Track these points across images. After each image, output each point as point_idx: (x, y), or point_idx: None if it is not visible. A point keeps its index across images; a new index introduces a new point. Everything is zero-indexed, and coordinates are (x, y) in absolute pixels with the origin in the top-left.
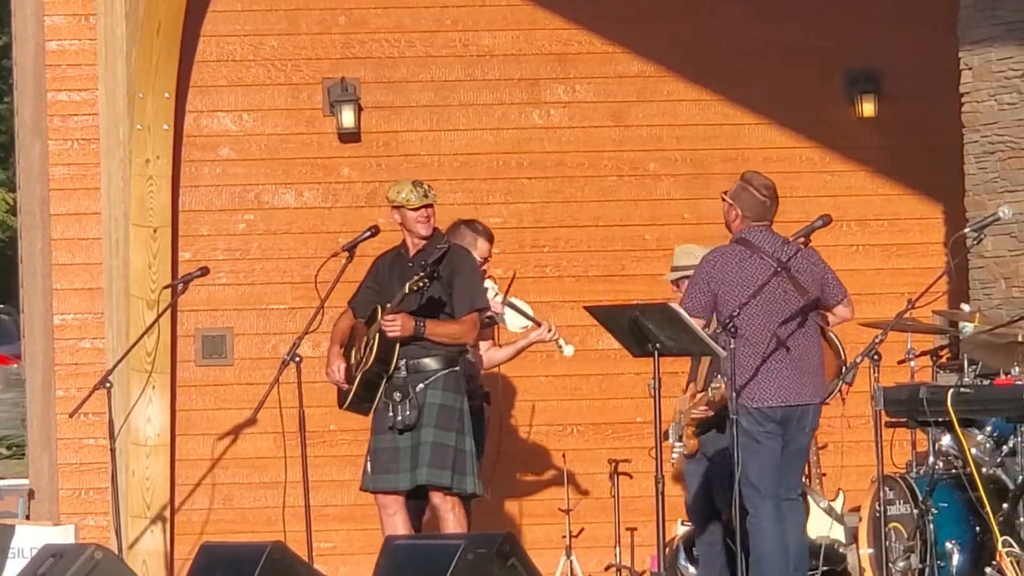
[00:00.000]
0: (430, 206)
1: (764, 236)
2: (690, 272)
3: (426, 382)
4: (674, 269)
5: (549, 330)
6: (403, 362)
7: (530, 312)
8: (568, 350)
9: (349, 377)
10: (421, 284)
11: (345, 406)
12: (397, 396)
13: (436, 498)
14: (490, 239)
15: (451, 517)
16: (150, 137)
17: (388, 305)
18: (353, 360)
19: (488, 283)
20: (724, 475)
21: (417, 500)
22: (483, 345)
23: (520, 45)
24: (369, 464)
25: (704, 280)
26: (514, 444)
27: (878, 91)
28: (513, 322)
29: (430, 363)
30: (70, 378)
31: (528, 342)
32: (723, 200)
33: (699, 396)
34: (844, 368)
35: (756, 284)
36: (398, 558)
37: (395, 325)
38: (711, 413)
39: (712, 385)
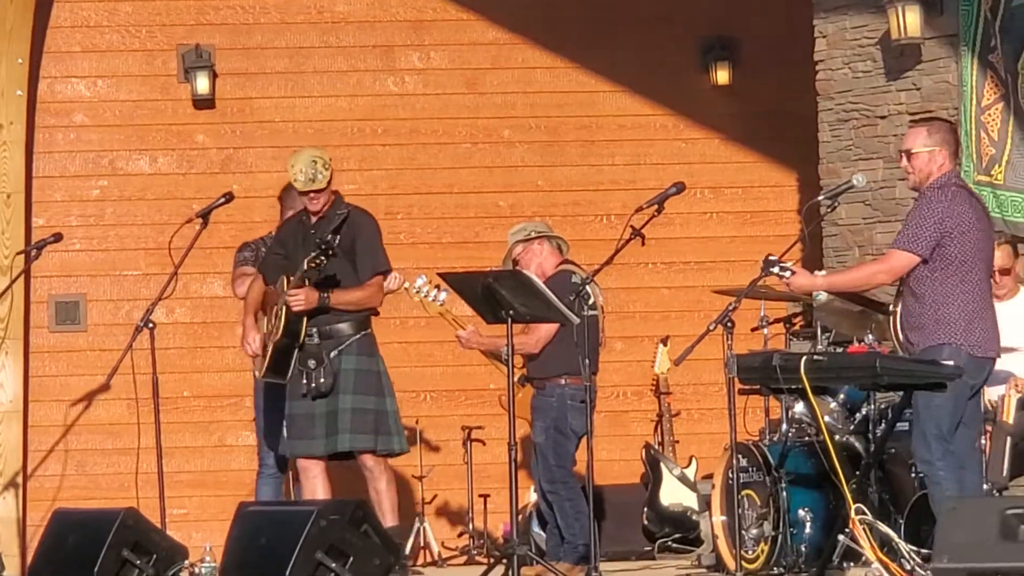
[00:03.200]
0: (317, 191)
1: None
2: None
3: (339, 348)
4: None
5: (397, 278)
6: (315, 329)
7: None
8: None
9: (264, 347)
10: (319, 261)
11: (262, 376)
12: (312, 363)
13: (369, 461)
14: None
15: (385, 477)
16: (3, 103)
17: (291, 278)
18: (266, 329)
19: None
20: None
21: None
22: None
23: (375, 12)
24: (285, 430)
25: (936, 219)
26: None
27: (733, 59)
28: None
29: (342, 328)
30: None
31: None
32: (908, 156)
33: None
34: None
35: (980, 226)
36: (252, 524)
37: (299, 300)
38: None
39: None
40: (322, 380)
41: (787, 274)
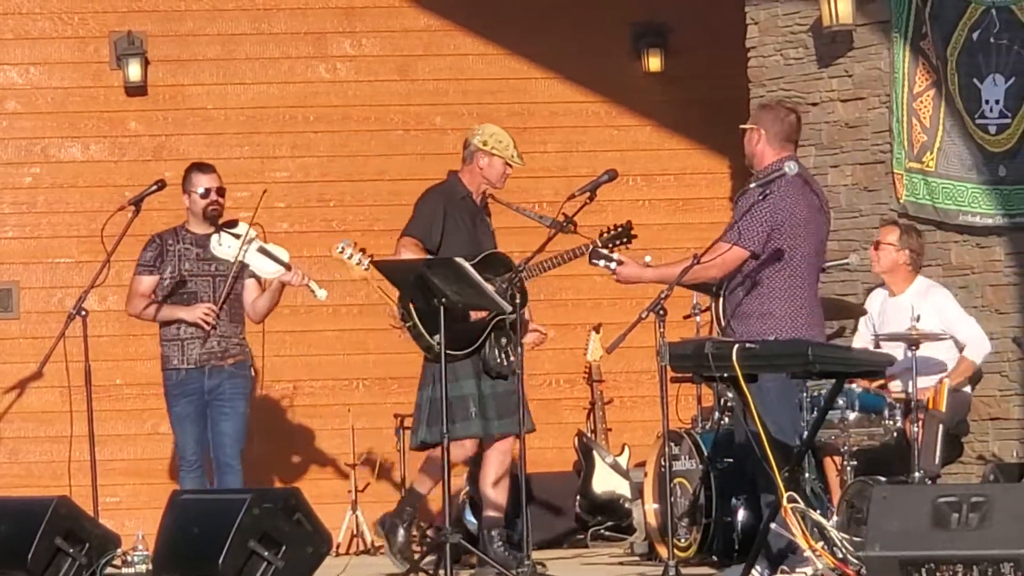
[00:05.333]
0: None
1: (801, 167)
2: None
3: None
4: None
5: (299, 274)
6: None
7: (284, 258)
8: (321, 294)
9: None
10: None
11: (468, 351)
12: (504, 340)
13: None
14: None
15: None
16: None
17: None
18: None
19: (244, 228)
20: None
21: None
22: (248, 297)
23: None
24: (473, 409)
25: (766, 214)
26: (300, 399)
27: (664, 45)
28: (264, 268)
29: None
30: None
31: (280, 283)
32: (742, 131)
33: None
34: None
35: (812, 220)
36: (184, 513)
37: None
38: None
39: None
40: (514, 359)
41: (613, 265)
